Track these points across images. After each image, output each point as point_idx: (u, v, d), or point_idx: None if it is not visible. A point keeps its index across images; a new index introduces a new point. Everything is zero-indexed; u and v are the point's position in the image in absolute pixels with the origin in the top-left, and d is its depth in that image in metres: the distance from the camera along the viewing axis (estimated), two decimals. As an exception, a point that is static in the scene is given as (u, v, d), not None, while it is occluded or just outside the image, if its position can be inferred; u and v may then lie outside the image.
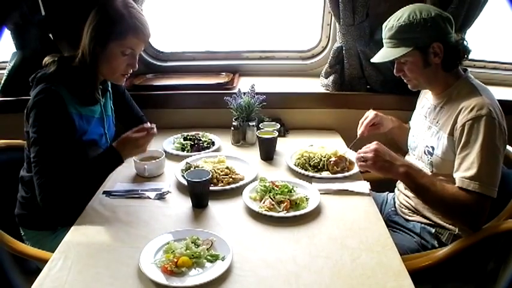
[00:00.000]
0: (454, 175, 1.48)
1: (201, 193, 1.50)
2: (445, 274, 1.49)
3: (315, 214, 1.47)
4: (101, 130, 1.71)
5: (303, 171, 1.74)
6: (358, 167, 1.65)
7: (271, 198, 1.50)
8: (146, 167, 1.71)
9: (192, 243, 1.26)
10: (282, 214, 1.44)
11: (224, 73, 2.43)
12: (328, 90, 2.26)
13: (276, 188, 1.54)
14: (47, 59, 1.62)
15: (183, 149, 1.97)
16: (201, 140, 2.02)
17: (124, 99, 1.94)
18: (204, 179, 1.47)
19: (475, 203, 1.42)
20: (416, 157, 1.72)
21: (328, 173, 1.74)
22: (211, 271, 1.17)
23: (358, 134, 1.86)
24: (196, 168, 1.66)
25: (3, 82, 2.19)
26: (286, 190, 1.53)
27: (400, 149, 1.91)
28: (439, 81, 1.61)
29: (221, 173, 1.67)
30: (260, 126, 2.03)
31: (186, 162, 1.77)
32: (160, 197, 1.58)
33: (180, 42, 2.69)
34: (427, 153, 1.64)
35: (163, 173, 1.76)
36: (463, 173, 1.45)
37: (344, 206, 1.53)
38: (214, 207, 1.52)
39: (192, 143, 1.99)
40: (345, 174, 1.72)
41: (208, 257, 1.22)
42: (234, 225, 1.42)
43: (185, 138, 2.02)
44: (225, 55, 2.58)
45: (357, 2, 2.03)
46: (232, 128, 2.04)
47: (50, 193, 1.46)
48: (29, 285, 1.13)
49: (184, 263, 1.18)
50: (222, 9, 2.83)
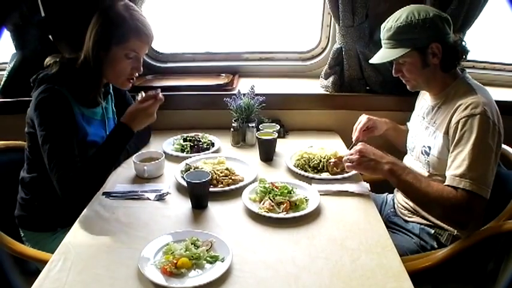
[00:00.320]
0: (446, 173, 1.47)
1: (200, 194, 1.50)
2: (444, 275, 1.49)
3: (315, 215, 1.47)
4: (102, 132, 1.71)
5: (303, 173, 1.74)
6: (346, 168, 1.65)
7: (270, 199, 1.50)
8: (146, 168, 1.71)
9: (191, 244, 1.25)
10: (281, 215, 1.44)
11: (224, 74, 2.43)
12: (327, 91, 2.26)
13: (275, 189, 1.54)
14: (48, 60, 1.62)
15: (182, 150, 1.97)
16: (200, 141, 2.02)
17: (125, 101, 1.94)
18: (203, 180, 1.47)
19: (465, 201, 1.39)
20: (415, 157, 1.72)
21: (328, 174, 1.74)
22: (211, 272, 1.17)
23: (353, 139, 1.86)
24: (196, 170, 1.66)
25: (2, 83, 2.18)
26: (286, 191, 1.53)
27: (398, 151, 1.91)
28: (437, 81, 1.61)
29: (221, 174, 1.67)
30: (260, 127, 2.03)
31: (186, 164, 1.77)
32: (160, 198, 1.58)
33: (179, 43, 2.69)
34: (424, 153, 1.64)
35: (162, 174, 1.76)
36: (454, 171, 1.44)
37: (344, 207, 1.53)
38: (214, 209, 1.52)
39: (192, 144, 1.99)
40: (345, 175, 1.72)
41: (208, 258, 1.22)
42: (233, 227, 1.42)
43: (185, 140, 2.02)
44: (224, 56, 2.58)
45: (356, 3, 2.03)
46: (232, 129, 2.04)
47: (70, 185, 1.45)
48: (29, 286, 1.12)
49: (184, 264, 1.18)
50: (221, 10, 2.82)
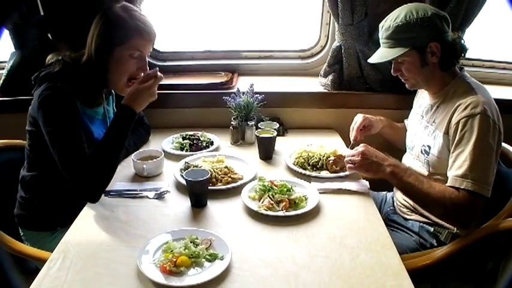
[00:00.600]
0: (448, 173, 1.48)
1: (200, 193, 1.50)
2: (444, 273, 1.49)
3: (314, 213, 1.47)
4: (103, 132, 1.70)
5: (302, 171, 1.74)
6: (347, 169, 1.66)
7: (270, 197, 1.50)
8: (145, 166, 1.70)
9: (191, 242, 1.25)
10: (281, 213, 1.44)
11: (223, 72, 2.42)
12: (327, 89, 2.26)
13: (275, 187, 1.54)
14: (50, 58, 1.61)
15: (182, 149, 1.97)
16: (200, 139, 2.02)
17: None
18: (203, 179, 1.47)
19: (467, 201, 1.41)
20: (414, 157, 1.72)
21: (327, 172, 1.74)
22: (210, 270, 1.17)
23: (351, 139, 1.86)
24: (195, 168, 1.66)
25: (1, 82, 2.18)
26: (285, 189, 1.53)
27: (397, 149, 1.91)
28: (436, 80, 1.61)
29: (220, 173, 1.67)
30: (259, 125, 2.02)
31: (185, 162, 1.77)
32: (159, 196, 1.58)
33: (179, 41, 2.69)
34: (423, 152, 1.64)
35: (162, 173, 1.76)
36: (456, 171, 1.44)
37: (343, 205, 1.53)
38: (213, 207, 1.52)
39: (191, 143, 1.98)
40: (344, 173, 1.72)
41: (207, 257, 1.22)
42: (233, 225, 1.42)
43: (184, 138, 2.02)
44: (224, 54, 2.57)
45: (355, 1, 2.02)
46: (231, 127, 2.04)
47: (83, 177, 1.45)
48: (28, 285, 1.12)
49: (183, 262, 1.18)
50: (221, 8, 2.82)
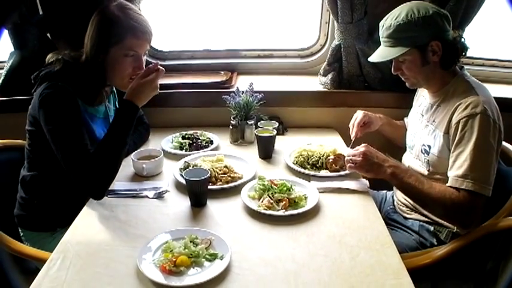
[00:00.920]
0: (448, 173, 1.48)
1: (199, 192, 1.50)
2: (444, 272, 1.49)
3: (314, 212, 1.47)
4: (104, 130, 1.70)
5: (302, 170, 1.74)
6: (347, 168, 1.65)
7: (269, 196, 1.50)
8: (144, 166, 1.70)
9: (190, 242, 1.25)
10: (280, 213, 1.44)
11: (222, 71, 2.42)
12: (326, 88, 2.25)
13: (274, 186, 1.54)
14: (50, 57, 1.61)
15: (181, 148, 1.96)
16: (199, 138, 2.01)
17: None
18: (202, 178, 1.47)
19: (467, 202, 1.41)
20: (414, 156, 1.72)
21: (327, 171, 1.74)
22: (210, 270, 1.17)
23: (351, 136, 1.86)
24: (195, 167, 1.66)
25: (1, 82, 2.18)
26: (285, 188, 1.53)
27: (396, 147, 1.91)
28: (436, 79, 1.60)
29: (219, 172, 1.67)
30: (258, 124, 2.02)
31: (185, 161, 1.76)
32: (159, 196, 1.58)
33: (178, 40, 2.68)
34: (423, 151, 1.64)
35: (161, 172, 1.76)
36: (456, 172, 1.44)
37: (343, 204, 1.53)
38: (213, 206, 1.51)
39: (191, 142, 1.98)
40: (344, 172, 1.71)
41: (207, 256, 1.22)
42: (232, 224, 1.42)
43: (183, 137, 2.02)
44: (223, 53, 2.57)
45: (355, -1, 2.02)
46: (231, 126, 2.03)
47: (88, 174, 1.45)
48: (28, 285, 1.12)
49: (183, 262, 1.18)
50: (220, 7, 2.81)
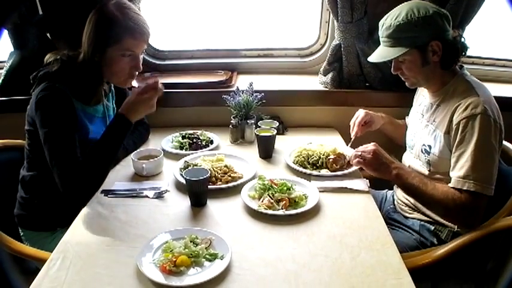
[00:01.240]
0: (450, 174, 1.48)
1: (199, 192, 1.50)
2: (444, 272, 1.49)
3: (314, 212, 1.46)
4: (103, 130, 1.70)
5: (302, 169, 1.74)
6: (353, 163, 1.65)
7: (270, 196, 1.49)
8: (144, 166, 1.70)
9: (190, 242, 1.25)
10: (280, 212, 1.44)
11: (222, 71, 2.41)
12: (326, 87, 2.25)
13: (274, 186, 1.54)
14: (48, 57, 1.61)
15: (181, 148, 1.96)
16: (199, 138, 2.01)
17: (125, 98, 1.93)
18: (202, 178, 1.47)
19: (470, 202, 1.42)
20: (414, 156, 1.72)
21: (327, 170, 1.73)
22: (210, 270, 1.17)
23: (351, 135, 1.86)
24: (195, 167, 1.65)
25: (1, 82, 2.17)
26: (285, 188, 1.52)
27: (397, 146, 1.91)
28: (436, 79, 1.60)
29: (220, 172, 1.67)
30: (259, 124, 2.02)
31: (185, 161, 1.76)
32: (159, 195, 1.58)
33: (178, 40, 2.68)
34: (424, 151, 1.63)
35: (161, 172, 1.76)
36: (458, 173, 1.45)
37: (343, 203, 1.53)
38: (213, 206, 1.51)
39: (191, 142, 1.98)
40: (344, 171, 1.72)
41: (207, 256, 1.22)
42: (232, 224, 1.42)
43: (183, 137, 2.02)
44: (223, 53, 2.56)
45: (355, -2, 2.02)
46: (231, 126, 2.03)
47: (71, 181, 1.45)
48: (28, 285, 1.12)
49: (183, 262, 1.18)
50: (220, 7, 2.81)
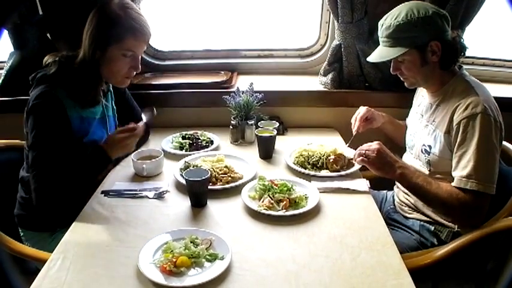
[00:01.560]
0: (453, 174, 1.48)
1: (199, 192, 1.50)
2: (445, 272, 1.49)
3: (314, 213, 1.46)
4: (102, 131, 1.70)
5: (302, 170, 1.74)
6: (356, 161, 1.65)
7: (270, 197, 1.49)
8: (145, 166, 1.70)
9: (191, 242, 1.25)
10: (281, 213, 1.44)
11: (222, 71, 2.41)
12: (326, 88, 2.25)
13: (275, 186, 1.54)
14: (47, 59, 1.61)
15: (181, 148, 1.96)
16: (199, 138, 2.01)
17: (124, 99, 1.94)
18: (202, 178, 1.47)
19: (473, 202, 1.42)
20: (414, 156, 1.72)
21: (328, 171, 1.73)
22: (210, 271, 1.17)
23: (353, 131, 1.86)
24: (195, 167, 1.65)
25: (1, 82, 2.17)
26: (285, 189, 1.52)
27: (397, 147, 1.90)
28: (435, 79, 1.60)
29: (220, 172, 1.66)
30: (259, 124, 2.02)
31: (185, 161, 1.76)
32: (159, 196, 1.58)
33: (178, 40, 2.68)
34: (424, 152, 1.63)
35: (161, 172, 1.76)
36: (461, 172, 1.45)
37: (343, 204, 1.53)
38: (213, 207, 1.51)
39: (191, 142, 1.98)
40: (344, 172, 1.72)
41: (207, 257, 1.22)
42: (233, 225, 1.42)
43: (184, 137, 2.02)
44: (223, 53, 2.56)
45: (355, -1, 2.02)
46: (231, 126, 2.03)
47: (44, 198, 1.49)
48: (28, 285, 1.12)
49: (183, 262, 1.18)
50: (220, 7, 2.81)
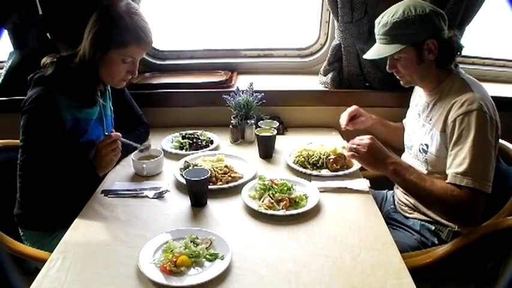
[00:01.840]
0: (447, 171, 1.47)
1: (199, 192, 1.50)
2: (445, 272, 1.49)
3: (314, 212, 1.46)
4: (99, 131, 1.70)
5: (302, 169, 1.74)
6: (347, 156, 1.66)
7: (270, 196, 1.49)
8: (145, 166, 1.70)
9: (191, 242, 1.25)
10: (281, 212, 1.44)
11: (222, 71, 2.42)
12: (326, 87, 2.25)
13: (275, 186, 1.54)
14: (45, 60, 1.60)
15: (181, 148, 1.96)
16: (199, 138, 2.01)
17: (123, 98, 1.94)
18: (202, 178, 1.47)
19: (468, 199, 1.40)
20: (413, 156, 1.72)
21: (327, 170, 1.73)
22: (211, 270, 1.17)
23: (341, 126, 1.90)
24: (195, 167, 1.65)
25: (0, 82, 2.17)
26: (286, 188, 1.52)
27: (394, 149, 1.90)
28: (431, 77, 1.60)
29: (220, 172, 1.66)
30: (259, 124, 2.02)
31: (185, 161, 1.76)
32: (159, 196, 1.58)
33: (178, 40, 2.68)
34: (421, 151, 1.63)
35: (161, 172, 1.76)
36: (455, 169, 1.44)
37: (343, 203, 1.53)
38: (213, 206, 1.51)
39: (191, 142, 1.98)
40: (344, 172, 1.72)
41: (208, 256, 1.22)
42: (233, 224, 1.42)
43: (184, 137, 2.02)
44: (223, 53, 2.56)
45: (355, -2, 2.02)
46: (231, 126, 2.03)
47: (29, 199, 1.54)
48: (28, 285, 1.12)
49: (184, 262, 1.18)
50: (220, 7, 2.81)
